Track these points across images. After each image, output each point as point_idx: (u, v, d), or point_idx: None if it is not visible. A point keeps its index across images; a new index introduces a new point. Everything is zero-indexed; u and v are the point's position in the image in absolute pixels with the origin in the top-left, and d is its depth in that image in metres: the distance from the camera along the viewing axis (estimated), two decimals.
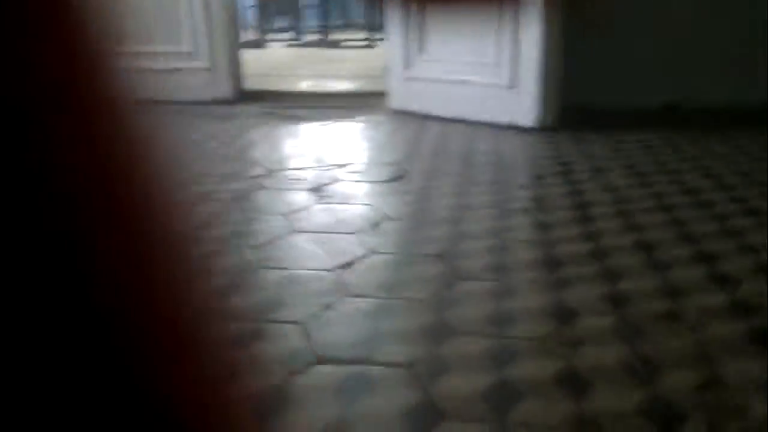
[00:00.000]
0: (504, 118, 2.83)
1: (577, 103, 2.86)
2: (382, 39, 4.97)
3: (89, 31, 0.20)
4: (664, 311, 1.23)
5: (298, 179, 2.09)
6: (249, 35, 7.11)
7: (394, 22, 3.10)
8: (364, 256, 1.48)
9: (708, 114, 2.79)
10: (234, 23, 3.51)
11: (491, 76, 2.83)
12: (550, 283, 1.35)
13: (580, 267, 1.41)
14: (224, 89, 3.45)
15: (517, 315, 1.22)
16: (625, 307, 1.24)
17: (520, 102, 2.77)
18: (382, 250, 1.53)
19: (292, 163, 2.29)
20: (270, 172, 2.17)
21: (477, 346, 1.12)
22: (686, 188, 1.96)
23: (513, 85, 2.77)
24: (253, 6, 7.20)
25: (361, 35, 7.11)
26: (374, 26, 6.83)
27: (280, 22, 8.97)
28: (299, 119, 3.06)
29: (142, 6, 3.37)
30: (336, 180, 2.08)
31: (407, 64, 3.11)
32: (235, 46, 3.53)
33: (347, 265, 1.44)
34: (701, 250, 1.50)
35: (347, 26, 8.42)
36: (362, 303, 1.28)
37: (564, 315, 1.21)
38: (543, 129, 2.73)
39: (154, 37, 3.39)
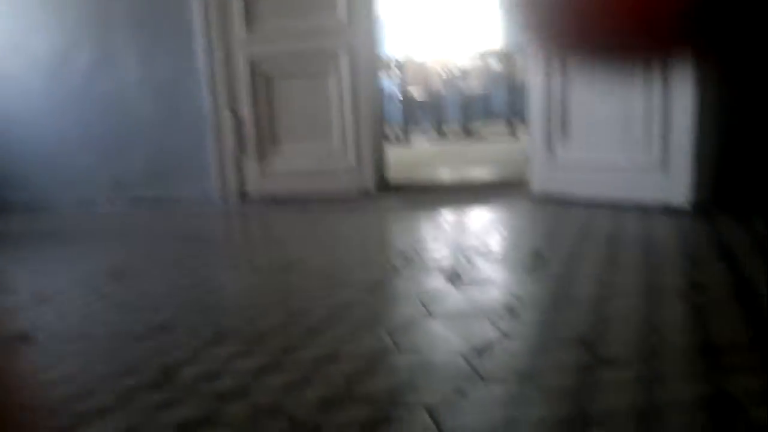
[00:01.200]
0: (654, 199, 2.68)
1: (735, 181, 2.65)
2: (524, 129, 4.99)
3: None
4: None
5: (435, 266, 2.09)
6: (394, 131, 7.45)
7: (535, 106, 3.10)
8: (499, 342, 1.43)
9: None
10: (379, 122, 3.70)
11: (639, 156, 2.72)
12: (707, 372, 1.21)
13: (743, 355, 1.26)
14: (369, 182, 3.60)
15: (670, 407, 1.10)
16: None
17: (672, 181, 2.62)
18: (519, 336, 1.46)
19: (429, 250, 2.31)
20: (407, 259, 2.19)
21: None
22: None
23: (663, 163, 2.64)
24: (398, 105, 7.56)
25: (503, 125, 7.18)
26: (516, 114, 6.88)
27: (423, 118, 9.34)
28: (438, 208, 3.10)
29: (303, 111, 3.67)
30: (473, 266, 2.05)
31: (549, 148, 3.08)
32: (380, 142, 3.70)
33: (482, 350, 1.39)
34: None
35: (488, 117, 8.57)
36: (497, 390, 1.22)
37: (724, 408, 1.08)
38: (698, 209, 2.55)
39: (309, 135, 3.66)
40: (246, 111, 3.72)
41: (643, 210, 2.66)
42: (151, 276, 2.27)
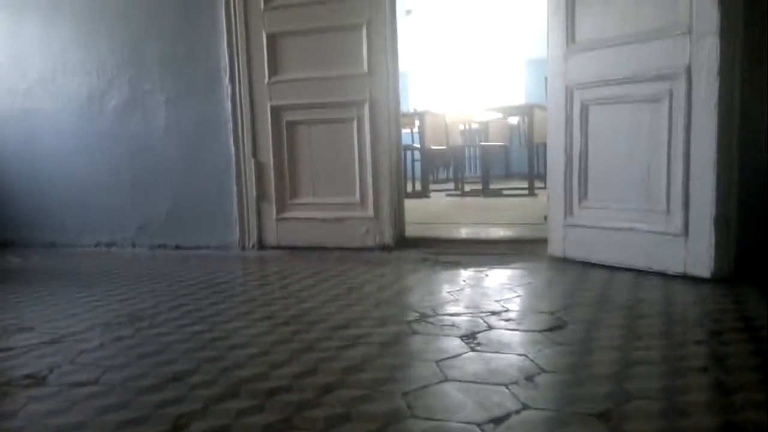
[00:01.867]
0: (675, 268, 2.65)
1: (759, 249, 2.62)
2: (543, 187, 5.00)
3: None
4: None
5: (452, 325, 2.07)
6: (413, 186, 7.49)
7: (555, 166, 3.12)
8: (516, 412, 1.39)
9: None
10: (399, 176, 3.73)
11: (660, 224, 2.70)
12: None
13: None
14: (386, 236, 3.60)
15: None
16: None
17: (693, 250, 2.59)
18: (537, 406, 1.43)
19: (446, 309, 2.28)
20: (423, 318, 2.17)
21: None
22: None
23: (684, 232, 2.62)
24: (418, 160, 7.63)
25: (522, 184, 7.19)
26: (535, 175, 6.90)
27: (442, 173, 9.40)
28: (456, 265, 3.09)
29: (324, 162, 3.71)
30: (490, 327, 2.03)
31: (568, 211, 3.08)
32: (399, 196, 3.72)
33: (498, 420, 1.36)
34: None
35: (508, 175, 8.61)
36: None
37: None
38: (720, 279, 2.52)
39: (329, 186, 3.69)
40: (268, 159, 3.77)
41: (664, 277, 2.63)
42: (167, 323, 2.27)
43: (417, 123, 7.35)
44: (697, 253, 2.58)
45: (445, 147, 7.57)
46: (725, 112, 2.51)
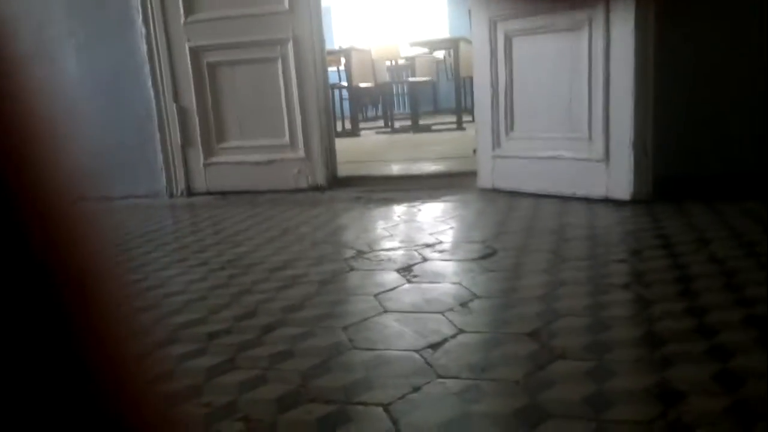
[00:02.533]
0: (597, 192, 2.77)
1: (674, 172, 2.76)
2: (471, 120, 5.05)
3: None
4: None
5: (388, 260, 2.11)
6: (343, 125, 7.43)
7: (481, 98, 3.15)
8: (453, 336, 1.45)
9: None
10: (328, 116, 3.68)
11: (583, 151, 2.80)
12: (652, 362, 1.26)
13: (686, 344, 1.32)
14: (319, 177, 3.59)
15: (618, 397, 1.14)
16: (739, 388, 1.14)
17: (614, 175, 2.71)
18: (472, 330, 1.49)
19: (381, 245, 2.32)
20: (360, 254, 2.20)
21: (574, 431, 1.05)
22: None
23: (605, 158, 2.72)
24: (347, 98, 7.55)
25: (451, 118, 7.25)
26: (463, 109, 6.96)
27: (372, 111, 9.35)
28: (389, 202, 3.12)
29: (250, 104, 3.62)
30: (425, 260, 2.08)
31: (496, 143, 3.13)
32: (329, 136, 3.68)
33: (436, 345, 1.41)
34: None
35: (437, 111, 8.65)
36: (452, 384, 1.24)
37: (669, 397, 1.13)
38: (639, 201, 2.65)
39: (258, 131, 3.61)
40: (191, 103, 3.65)
41: (587, 202, 2.74)
42: None
43: (343, 60, 7.23)
44: (618, 178, 2.70)
45: (372, 84, 7.50)
46: (642, 37, 2.58)
